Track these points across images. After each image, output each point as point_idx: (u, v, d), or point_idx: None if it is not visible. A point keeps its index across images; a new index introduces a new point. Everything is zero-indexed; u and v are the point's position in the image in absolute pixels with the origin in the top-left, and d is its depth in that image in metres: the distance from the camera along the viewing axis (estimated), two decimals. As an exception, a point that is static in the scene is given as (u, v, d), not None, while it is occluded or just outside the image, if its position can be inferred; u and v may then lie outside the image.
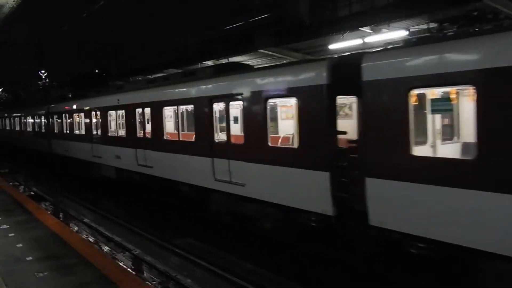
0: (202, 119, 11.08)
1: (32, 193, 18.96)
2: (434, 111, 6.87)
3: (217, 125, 10.76)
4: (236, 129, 10.45)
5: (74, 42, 40.06)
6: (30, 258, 7.93)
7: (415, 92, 6.51)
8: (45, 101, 28.33)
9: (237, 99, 9.87)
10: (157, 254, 10.44)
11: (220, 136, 10.64)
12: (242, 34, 20.11)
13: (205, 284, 8.58)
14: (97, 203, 16.33)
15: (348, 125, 8.25)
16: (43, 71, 39.66)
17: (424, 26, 15.07)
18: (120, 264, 9.28)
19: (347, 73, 7.54)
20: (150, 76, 21.40)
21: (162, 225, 12.78)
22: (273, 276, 8.73)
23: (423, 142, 7.07)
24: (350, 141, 7.91)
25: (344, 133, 7.94)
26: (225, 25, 22.83)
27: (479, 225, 5.73)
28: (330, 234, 8.31)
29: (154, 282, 8.82)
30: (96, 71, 33.22)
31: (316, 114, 7.96)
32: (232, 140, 10.16)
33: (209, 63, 21.24)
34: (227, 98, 10.20)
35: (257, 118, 9.23)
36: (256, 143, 9.32)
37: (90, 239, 11.81)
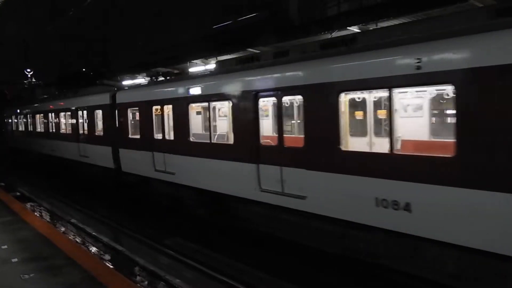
0: None
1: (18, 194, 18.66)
2: None
3: None
4: None
5: (62, 40, 39.56)
6: (16, 259, 7.81)
7: None
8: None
9: None
10: (146, 254, 10.35)
11: None
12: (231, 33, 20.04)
13: (195, 284, 8.53)
14: (86, 204, 16.13)
15: None
16: (28, 70, 39.06)
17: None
18: (109, 265, 9.17)
19: None
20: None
21: (151, 225, 12.67)
22: (263, 275, 8.71)
23: None
24: None
25: None
26: (214, 24, 22.71)
27: None
28: None
29: (144, 283, 8.73)
30: (84, 69, 32.75)
31: None
32: None
33: (198, 61, 21.07)
34: None
35: None
36: None
37: (78, 240, 11.66)
